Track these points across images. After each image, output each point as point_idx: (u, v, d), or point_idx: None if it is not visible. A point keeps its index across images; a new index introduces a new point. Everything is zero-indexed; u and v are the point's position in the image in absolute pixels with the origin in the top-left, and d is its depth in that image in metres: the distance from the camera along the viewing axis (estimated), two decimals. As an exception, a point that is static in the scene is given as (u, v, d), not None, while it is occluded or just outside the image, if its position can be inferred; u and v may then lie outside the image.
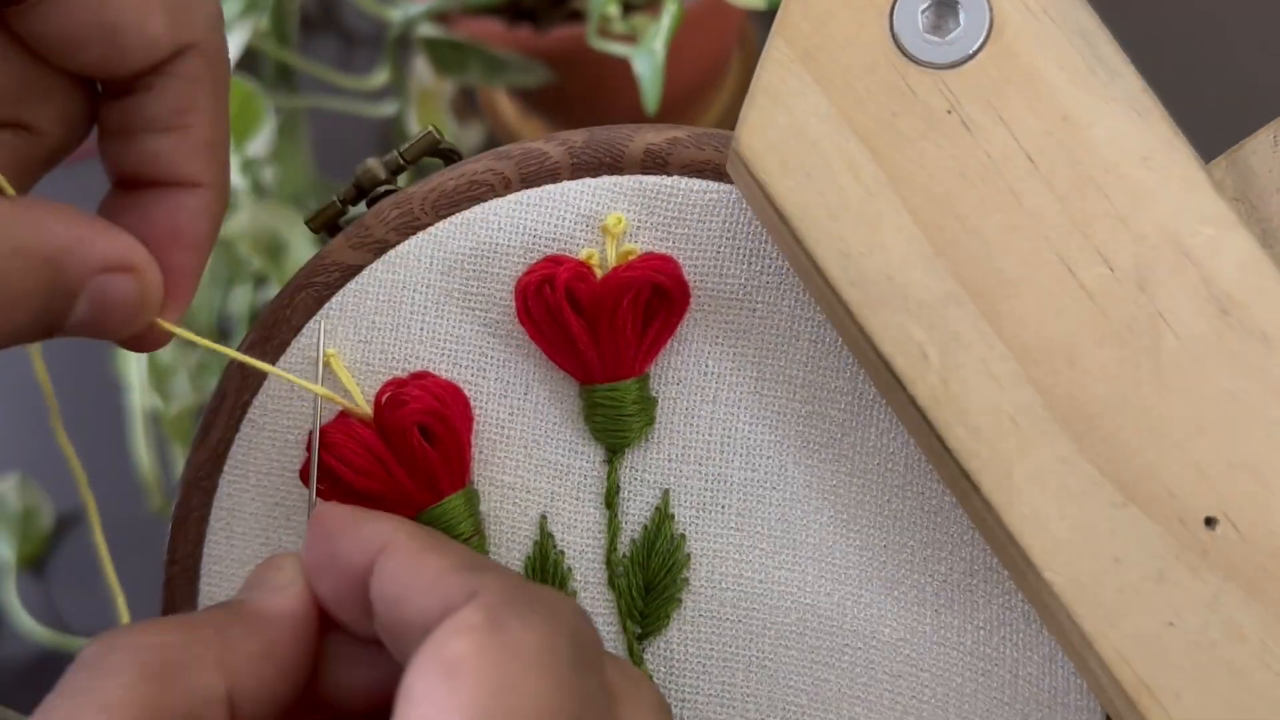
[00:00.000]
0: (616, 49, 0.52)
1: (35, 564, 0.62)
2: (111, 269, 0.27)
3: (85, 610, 0.61)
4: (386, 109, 0.64)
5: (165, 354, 0.58)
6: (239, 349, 0.32)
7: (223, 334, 0.61)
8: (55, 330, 0.27)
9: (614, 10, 0.52)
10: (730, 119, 0.63)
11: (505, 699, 0.22)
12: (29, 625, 0.59)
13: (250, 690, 0.25)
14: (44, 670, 0.60)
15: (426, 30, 0.57)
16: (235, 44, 0.53)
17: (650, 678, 0.27)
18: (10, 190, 0.27)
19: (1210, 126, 0.33)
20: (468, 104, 0.67)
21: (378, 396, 0.31)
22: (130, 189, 0.29)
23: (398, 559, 0.25)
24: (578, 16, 0.57)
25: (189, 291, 0.29)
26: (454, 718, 0.21)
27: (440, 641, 0.23)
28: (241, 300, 0.60)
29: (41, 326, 0.27)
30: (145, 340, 0.29)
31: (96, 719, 0.23)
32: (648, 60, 0.49)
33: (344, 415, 0.31)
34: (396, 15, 0.58)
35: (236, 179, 0.55)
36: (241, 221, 0.54)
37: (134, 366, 0.61)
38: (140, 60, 0.27)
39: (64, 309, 0.27)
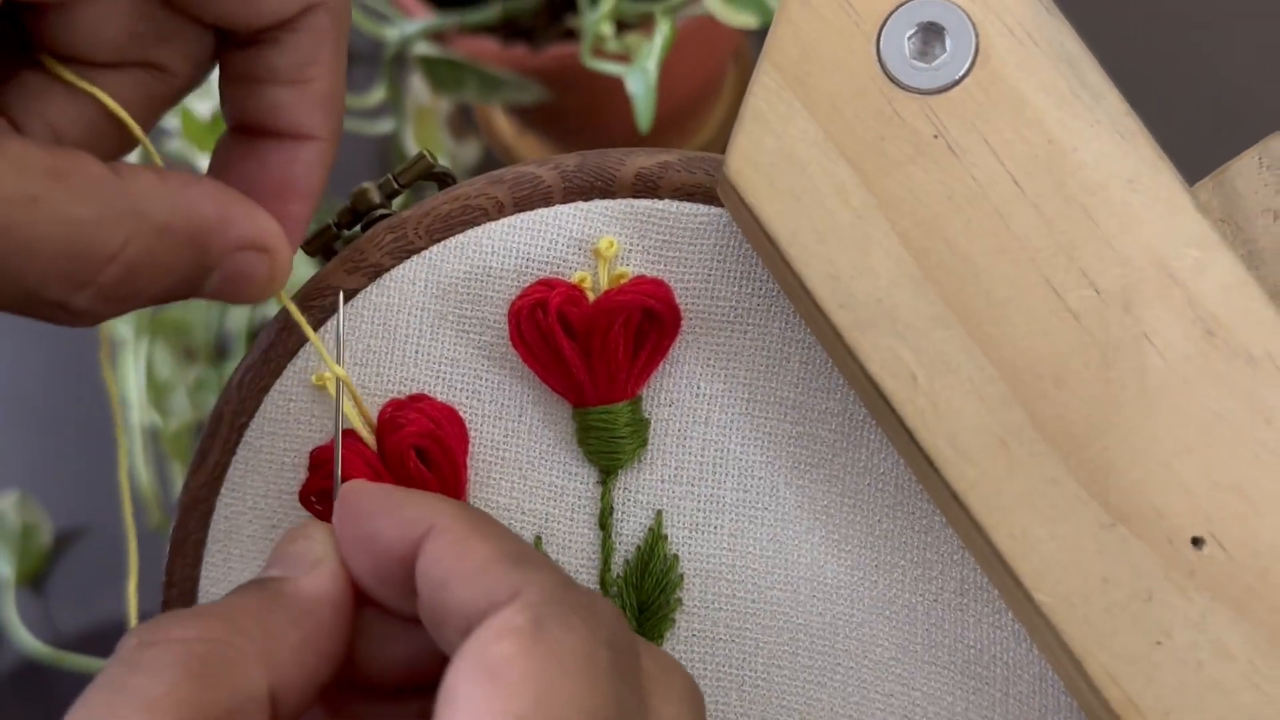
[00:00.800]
0: (610, 68, 0.52)
1: (34, 581, 0.62)
2: (248, 247, 0.28)
3: (84, 627, 0.61)
4: (383, 127, 0.64)
5: (163, 371, 0.58)
6: (240, 369, 0.32)
7: (221, 352, 0.61)
8: (188, 297, 0.28)
9: (608, 29, 0.52)
10: (726, 134, 0.63)
11: (545, 706, 0.22)
12: (28, 641, 0.59)
13: (292, 681, 0.25)
14: (43, 686, 0.61)
15: (423, 49, 0.58)
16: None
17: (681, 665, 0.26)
18: (159, 160, 0.28)
19: (1196, 148, 0.33)
20: (464, 121, 0.68)
21: (379, 417, 0.31)
22: (247, 135, 0.30)
23: (443, 542, 0.25)
24: (572, 35, 0.57)
25: (299, 240, 0.30)
26: None
27: (483, 643, 0.23)
28: (239, 318, 0.60)
29: (177, 294, 0.28)
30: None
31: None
32: (641, 79, 0.50)
33: (348, 434, 0.31)
34: (393, 34, 0.59)
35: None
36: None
37: (132, 383, 0.61)
38: (272, 16, 0.28)
39: (200, 281, 0.28)
